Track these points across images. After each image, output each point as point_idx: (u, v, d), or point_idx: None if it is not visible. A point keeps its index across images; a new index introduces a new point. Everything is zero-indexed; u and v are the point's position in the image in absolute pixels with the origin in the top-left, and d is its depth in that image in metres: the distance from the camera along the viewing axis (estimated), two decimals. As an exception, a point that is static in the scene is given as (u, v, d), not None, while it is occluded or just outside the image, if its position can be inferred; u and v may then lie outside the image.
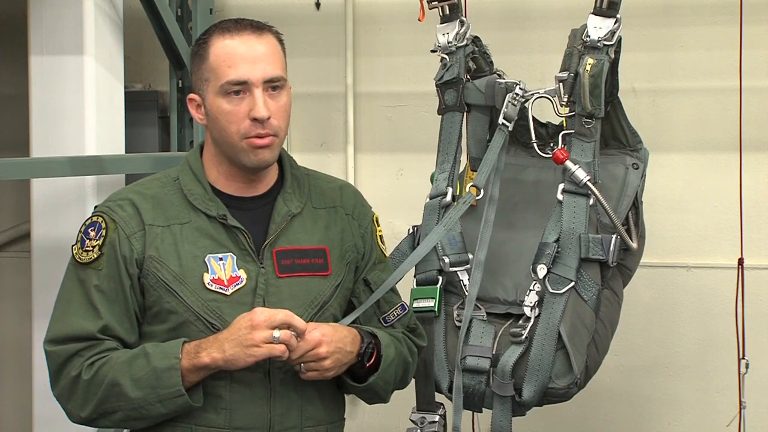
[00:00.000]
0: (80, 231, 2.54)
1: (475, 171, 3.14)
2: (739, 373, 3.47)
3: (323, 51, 4.24)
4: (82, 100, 3.75)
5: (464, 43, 3.15)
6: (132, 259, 2.49)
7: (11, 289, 4.57)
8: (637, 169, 3.08)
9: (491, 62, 3.20)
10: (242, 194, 2.57)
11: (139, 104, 4.20)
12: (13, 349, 4.54)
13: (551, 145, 3.08)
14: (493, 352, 2.97)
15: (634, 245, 3.03)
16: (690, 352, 3.90)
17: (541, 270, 2.95)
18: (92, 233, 2.51)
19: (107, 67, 3.79)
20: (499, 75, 3.19)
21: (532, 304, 2.96)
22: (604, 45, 2.99)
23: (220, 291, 2.49)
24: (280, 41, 2.55)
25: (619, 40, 3.01)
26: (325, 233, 2.62)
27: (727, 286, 3.64)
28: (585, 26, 3.02)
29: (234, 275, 2.51)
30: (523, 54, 3.92)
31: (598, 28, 3.00)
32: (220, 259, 2.51)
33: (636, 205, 3.08)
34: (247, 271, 2.51)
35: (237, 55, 2.48)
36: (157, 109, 4.29)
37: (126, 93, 3.91)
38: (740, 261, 3.54)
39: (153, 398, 2.41)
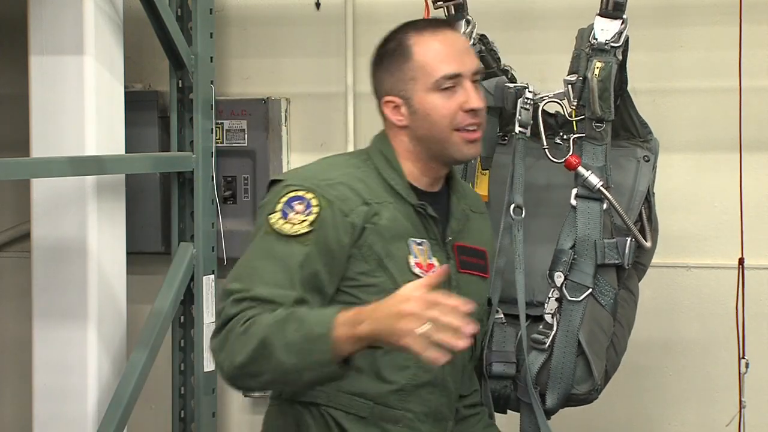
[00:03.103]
0: (278, 201, 2.47)
1: (486, 169, 3.15)
2: (739, 373, 3.47)
3: (323, 51, 4.23)
4: (82, 100, 3.74)
5: (471, 42, 3.14)
6: (351, 234, 2.46)
7: (11, 289, 4.56)
8: (648, 161, 3.09)
9: (498, 59, 3.21)
10: (427, 189, 2.61)
11: (139, 104, 4.19)
12: (13, 349, 4.54)
13: (561, 134, 3.08)
14: (515, 356, 2.98)
15: (648, 244, 3.04)
16: (690, 352, 3.90)
17: (558, 278, 2.96)
18: (299, 206, 2.46)
19: (107, 67, 3.79)
20: (506, 71, 3.19)
21: (552, 311, 2.96)
22: (612, 47, 2.98)
23: (421, 275, 2.50)
24: None
25: (627, 40, 3.01)
26: (481, 236, 2.70)
27: (728, 286, 3.64)
28: (592, 27, 3.01)
29: (430, 262, 2.54)
30: (524, 54, 3.91)
31: (605, 30, 3.00)
32: (419, 243, 2.54)
33: (648, 199, 3.08)
34: (439, 260, 2.56)
35: (446, 51, 2.56)
36: (157, 109, 4.29)
37: (126, 93, 3.91)
38: (740, 261, 3.54)
39: (303, 365, 2.28)
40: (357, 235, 2.46)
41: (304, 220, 2.44)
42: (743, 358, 3.48)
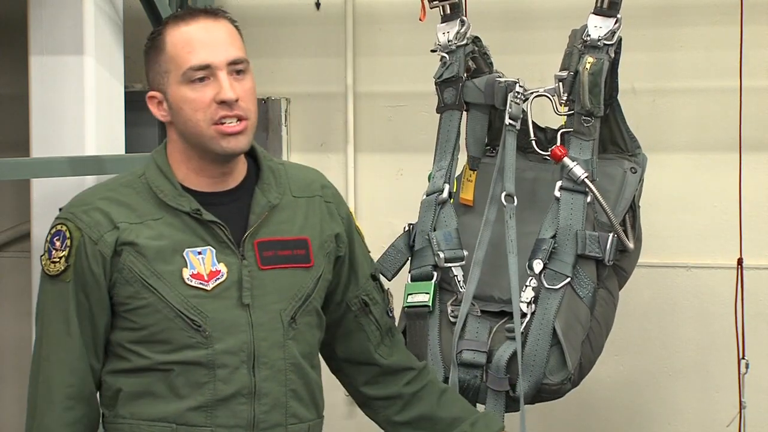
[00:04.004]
0: (47, 240, 2.47)
1: (474, 170, 3.15)
2: (739, 373, 3.47)
3: (323, 51, 4.24)
4: (82, 100, 3.74)
5: (464, 42, 3.15)
6: (102, 262, 2.43)
7: (11, 289, 4.57)
8: (635, 173, 3.09)
9: (491, 63, 3.21)
10: (213, 190, 2.50)
11: (139, 104, 4.14)
12: (13, 349, 4.55)
13: (549, 149, 3.08)
14: (488, 348, 2.97)
15: (631, 245, 3.04)
16: (690, 352, 3.90)
17: (537, 265, 2.96)
18: (57, 243, 2.44)
19: (107, 67, 3.79)
20: (499, 76, 3.19)
21: (528, 300, 2.96)
22: (605, 44, 2.99)
23: (200, 286, 2.44)
24: (237, 28, 2.51)
25: (620, 41, 3.01)
26: (306, 222, 2.57)
27: (727, 286, 3.64)
28: (585, 26, 3.02)
29: (214, 269, 2.45)
30: (523, 54, 3.92)
31: (599, 27, 3.01)
32: (199, 253, 2.45)
33: (633, 209, 3.09)
34: (228, 264, 2.46)
35: (196, 40, 2.43)
36: (158, 109, 4.29)
37: (126, 93, 3.91)
38: (740, 261, 3.55)
39: None
40: (110, 262, 2.43)
41: (62, 256, 2.44)
42: (743, 358, 3.48)
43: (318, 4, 4.23)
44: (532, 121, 3.09)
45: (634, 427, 3.97)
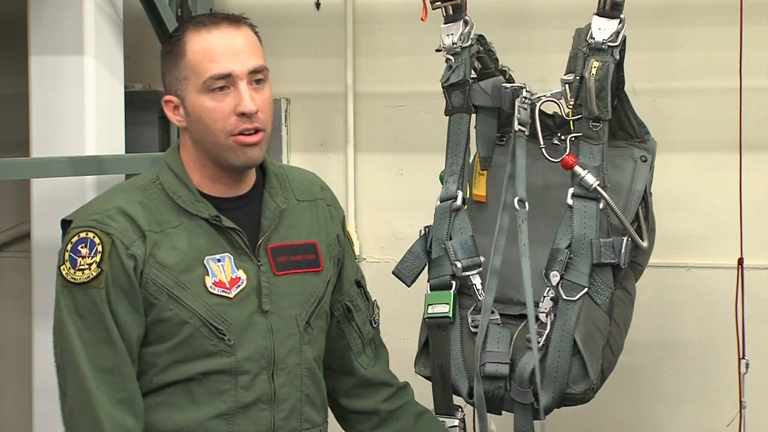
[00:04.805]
0: (66, 250, 2.43)
1: (485, 170, 3.14)
2: (739, 373, 3.47)
3: (323, 51, 4.24)
4: (82, 100, 3.74)
5: (469, 43, 3.14)
6: (134, 265, 2.39)
7: (11, 289, 4.56)
8: (645, 161, 3.08)
9: (496, 59, 3.20)
10: (228, 195, 2.50)
11: (139, 104, 4.19)
12: (13, 349, 4.54)
13: (558, 134, 3.08)
14: (510, 357, 2.97)
15: (645, 244, 3.03)
16: (690, 352, 3.90)
17: (554, 277, 2.95)
18: (83, 250, 2.40)
19: (107, 67, 3.79)
20: (504, 72, 3.19)
21: (547, 310, 2.95)
22: (609, 47, 2.98)
23: (224, 294, 2.43)
24: (257, 34, 2.50)
25: (624, 39, 3.00)
26: (312, 226, 2.59)
27: (727, 286, 3.64)
28: (589, 27, 3.01)
29: (234, 276, 2.45)
30: (523, 54, 3.92)
31: (602, 29, 2.99)
32: (218, 260, 2.44)
33: (645, 199, 3.08)
34: (246, 270, 2.46)
35: (217, 49, 2.41)
36: (157, 109, 4.28)
37: (126, 93, 3.91)
38: (740, 261, 3.54)
39: None
40: (141, 268, 2.39)
41: (92, 263, 2.38)
42: (743, 358, 3.48)
43: (318, 4, 4.23)
44: (540, 110, 3.07)
45: (635, 426, 3.97)
